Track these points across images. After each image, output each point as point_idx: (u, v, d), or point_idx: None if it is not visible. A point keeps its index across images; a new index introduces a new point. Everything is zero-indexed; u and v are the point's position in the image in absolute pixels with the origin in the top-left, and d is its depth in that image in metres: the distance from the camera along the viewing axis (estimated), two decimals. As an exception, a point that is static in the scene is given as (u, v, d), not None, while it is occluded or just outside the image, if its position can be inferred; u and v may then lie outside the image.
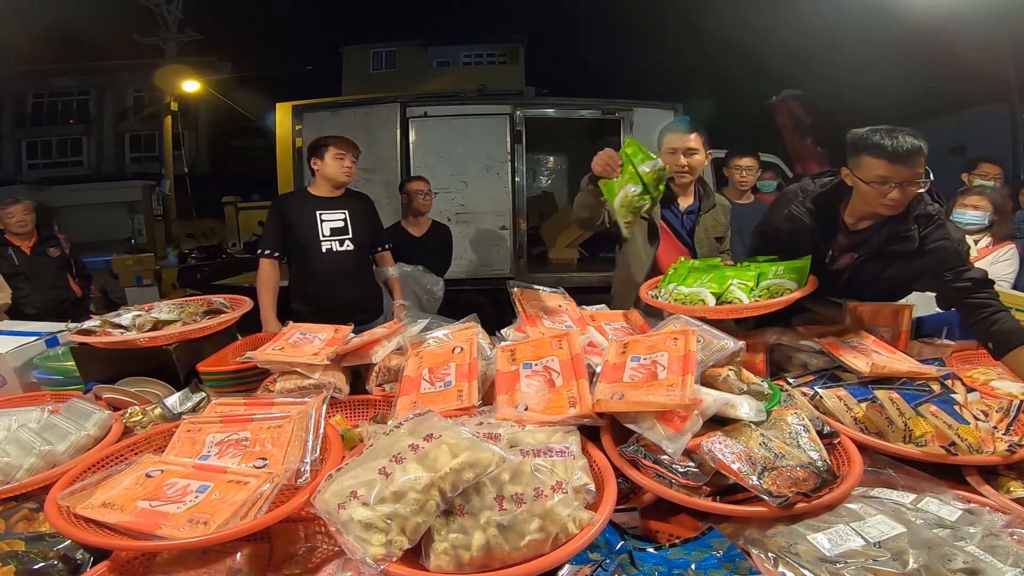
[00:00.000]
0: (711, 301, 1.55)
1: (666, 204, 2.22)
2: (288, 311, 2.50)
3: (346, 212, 2.63)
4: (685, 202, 2.27)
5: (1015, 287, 2.71)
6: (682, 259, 1.91)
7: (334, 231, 2.58)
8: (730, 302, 1.54)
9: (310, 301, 2.56)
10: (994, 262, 2.66)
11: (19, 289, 3.65)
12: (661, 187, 1.81)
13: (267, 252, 2.53)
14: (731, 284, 1.57)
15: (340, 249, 2.59)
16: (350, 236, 2.61)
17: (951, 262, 1.58)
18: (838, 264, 1.73)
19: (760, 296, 1.53)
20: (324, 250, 2.55)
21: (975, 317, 1.53)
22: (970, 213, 2.72)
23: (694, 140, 2.14)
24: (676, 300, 1.62)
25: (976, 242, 2.72)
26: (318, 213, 2.57)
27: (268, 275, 2.54)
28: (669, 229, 2.23)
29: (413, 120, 5.13)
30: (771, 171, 6.21)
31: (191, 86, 11.81)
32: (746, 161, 3.37)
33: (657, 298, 1.72)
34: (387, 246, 2.87)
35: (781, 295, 1.52)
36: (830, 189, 1.72)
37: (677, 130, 2.18)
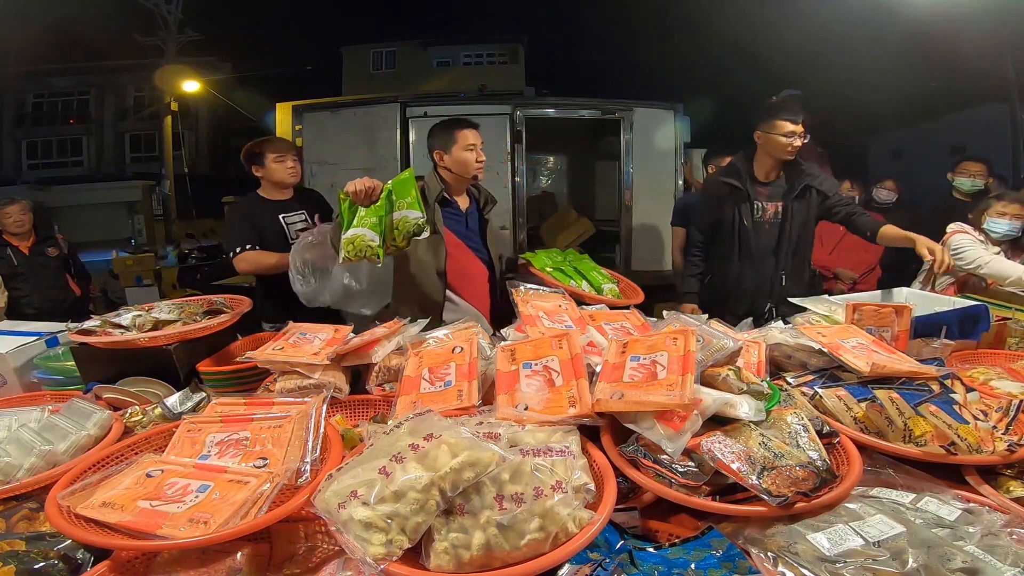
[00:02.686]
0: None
1: (445, 205, 2.14)
2: (255, 316, 2.32)
3: (304, 211, 2.60)
4: (464, 203, 2.22)
5: None
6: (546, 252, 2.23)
7: (299, 231, 2.53)
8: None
9: (283, 301, 2.37)
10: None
11: (18, 289, 3.65)
12: (405, 244, 1.82)
13: (248, 247, 2.42)
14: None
15: None
16: None
17: (834, 190, 2.44)
18: (767, 214, 2.44)
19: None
20: None
21: (854, 224, 2.34)
22: (1008, 223, 2.53)
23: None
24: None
25: (997, 252, 2.54)
26: (280, 216, 2.53)
27: (261, 254, 2.43)
28: (452, 234, 2.13)
29: (413, 120, 5.13)
30: None
31: (191, 86, 11.80)
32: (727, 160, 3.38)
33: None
34: None
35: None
36: (737, 157, 2.51)
37: (473, 126, 2.15)
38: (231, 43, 16.03)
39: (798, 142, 2.28)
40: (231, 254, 2.47)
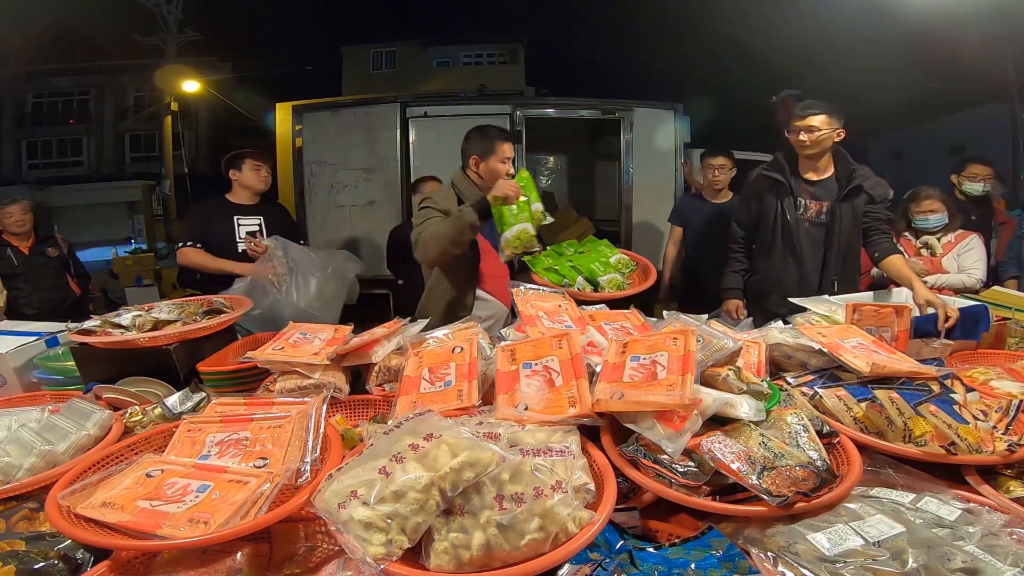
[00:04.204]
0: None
1: None
2: None
3: (261, 218, 2.89)
4: None
5: (993, 276, 2.89)
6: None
7: (249, 234, 2.83)
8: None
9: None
10: (959, 254, 2.79)
11: (18, 289, 3.64)
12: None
13: (190, 244, 2.74)
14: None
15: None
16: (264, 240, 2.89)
17: (882, 198, 2.42)
18: (810, 212, 2.43)
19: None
20: (240, 251, 2.78)
21: (870, 238, 2.38)
22: (931, 217, 2.84)
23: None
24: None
25: (940, 239, 2.85)
26: (235, 218, 2.83)
27: (199, 253, 2.73)
28: (480, 235, 2.19)
29: (413, 120, 5.13)
30: None
31: (191, 86, 11.78)
32: (719, 160, 3.45)
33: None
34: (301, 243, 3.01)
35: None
36: (784, 154, 2.49)
37: (508, 139, 2.24)
38: (231, 43, 16.03)
39: (803, 136, 2.30)
40: (176, 246, 2.82)
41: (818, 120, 2.28)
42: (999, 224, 3.28)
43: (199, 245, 2.75)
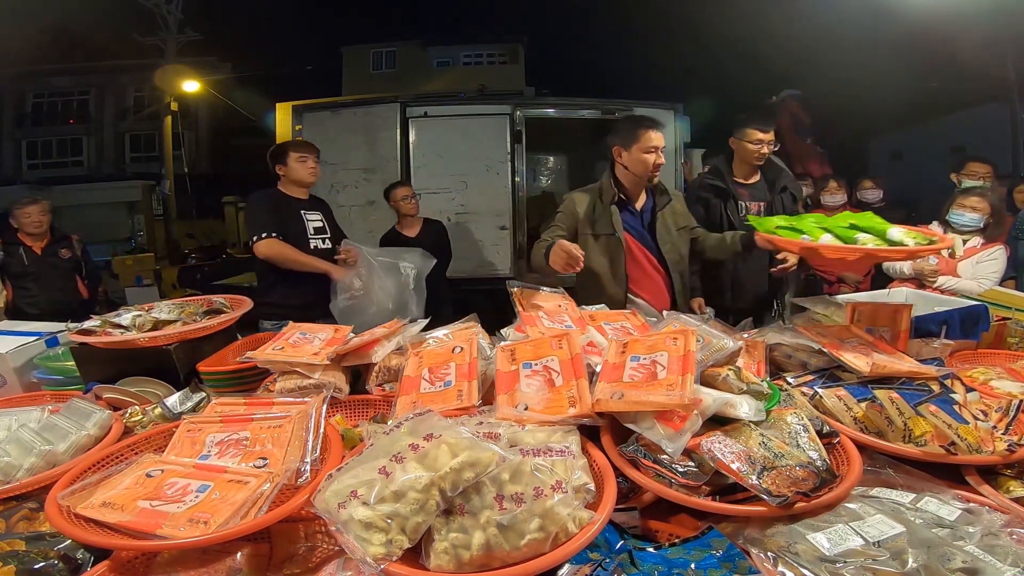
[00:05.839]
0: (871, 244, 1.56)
1: (623, 206, 2.23)
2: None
3: (320, 213, 2.78)
4: (640, 201, 2.29)
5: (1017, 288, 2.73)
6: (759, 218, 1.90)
7: (317, 230, 2.73)
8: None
9: (294, 295, 2.61)
10: (979, 261, 2.69)
11: (26, 289, 3.64)
12: None
13: (275, 235, 2.52)
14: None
15: (324, 247, 2.73)
16: (329, 235, 2.78)
17: (799, 196, 2.72)
18: (751, 212, 2.60)
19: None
20: (312, 247, 2.67)
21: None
22: (968, 215, 2.72)
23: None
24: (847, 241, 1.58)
25: (965, 242, 2.74)
26: (302, 212, 2.69)
27: (284, 245, 2.53)
28: (631, 235, 2.22)
29: (413, 120, 5.13)
30: None
31: (191, 86, 11.79)
32: None
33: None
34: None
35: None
36: (719, 159, 2.72)
37: (659, 128, 2.14)
38: (231, 43, 16.00)
39: (766, 149, 2.51)
40: (255, 238, 2.53)
41: (772, 133, 2.51)
42: None
43: (280, 237, 2.54)
